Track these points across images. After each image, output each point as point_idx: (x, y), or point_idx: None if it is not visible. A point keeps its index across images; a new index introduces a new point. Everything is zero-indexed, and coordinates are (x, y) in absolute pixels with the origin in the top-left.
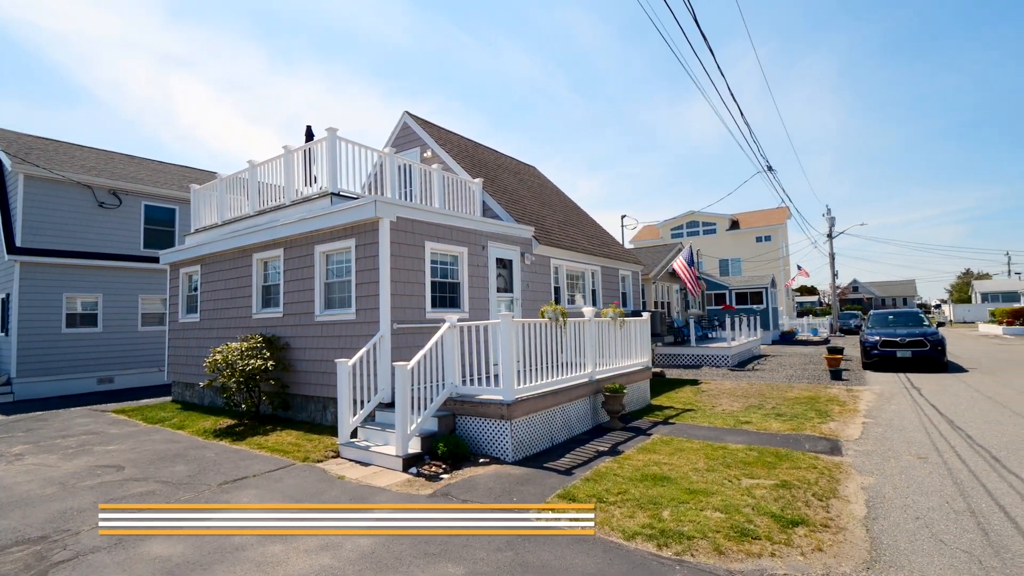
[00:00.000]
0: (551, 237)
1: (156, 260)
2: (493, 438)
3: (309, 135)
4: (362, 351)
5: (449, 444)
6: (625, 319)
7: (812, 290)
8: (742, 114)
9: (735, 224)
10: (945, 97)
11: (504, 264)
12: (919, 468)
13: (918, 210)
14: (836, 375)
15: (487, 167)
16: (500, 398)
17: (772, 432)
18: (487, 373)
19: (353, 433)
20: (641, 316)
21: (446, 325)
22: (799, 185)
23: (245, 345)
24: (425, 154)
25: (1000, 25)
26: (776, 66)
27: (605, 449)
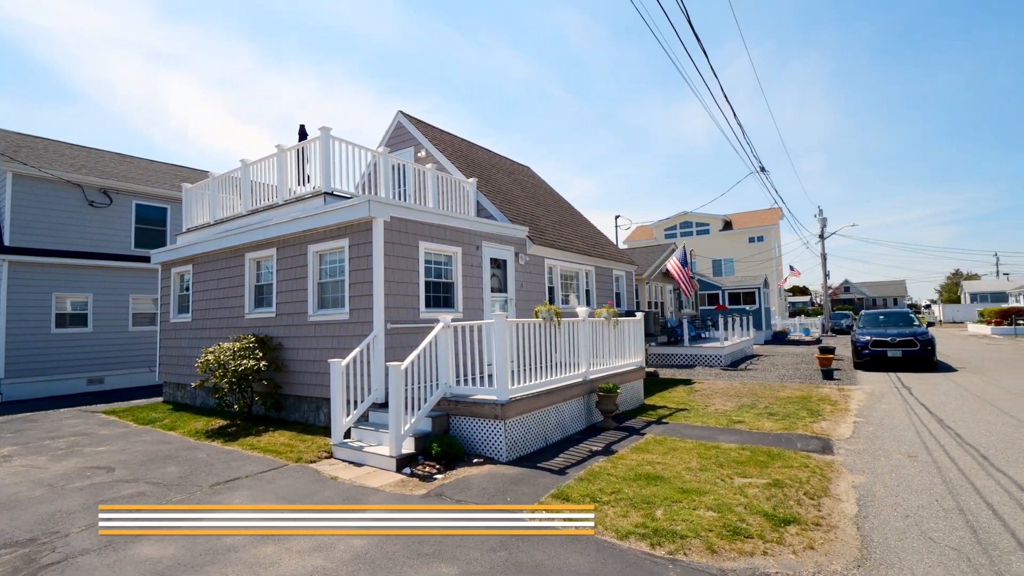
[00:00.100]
0: (545, 237)
1: (147, 260)
2: (487, 438)
3: (302, 134)
4: (355, 351)
5: (443, 444)
6: (619, 319)
7: (804, 290)
8: (735, 115)
9: (728, 225)
10: (937, 99)
11: (498, 264)
12: (909, 467)
13: (909, 211)
14: (828, 375)
15: (481, 167)
16: (494, 398)
17: (765, 431)
18: (481, 373)
19: (346, 433)
20: (635, 316)
21: (440, 325)
22: (791, 186)
23: (237, 345)
24: (419, 154)
25: (992, 26)
26: (769, 66)
27: (599, 449)
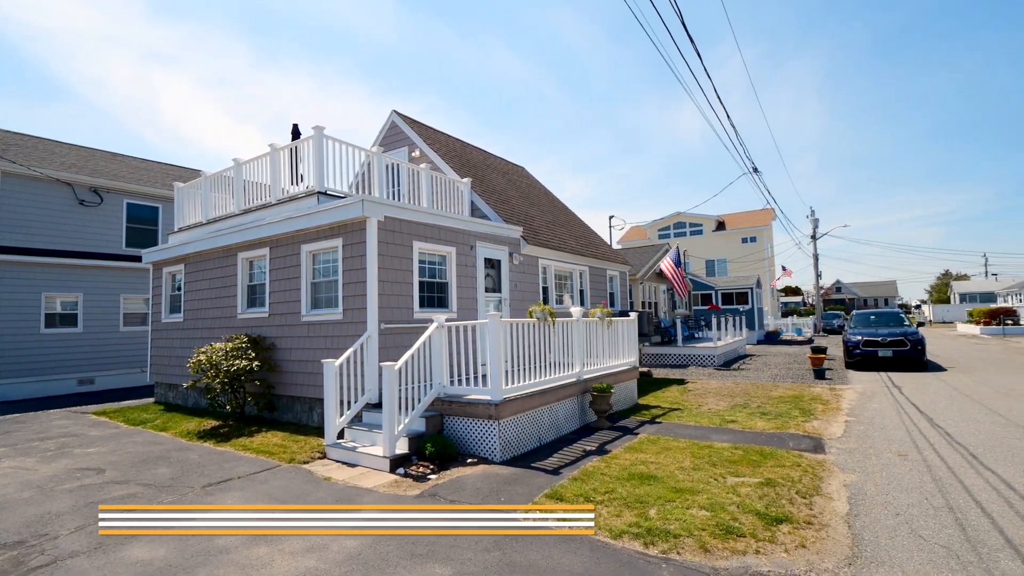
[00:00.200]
0: (539, 237)
1: (139, 259)
2: (481, 438)
3: (296, 134)
4: (349, 351)
5: (437, 444)
6: (613, 319)
7: (796, 290)
8: (728, 117)
9: (721, 225)
10: (929, 100)
11: (492, 264)
12: (899, 465)
13: (900, 212)
14: (819, 374)
15: (476, 167)
16: (488, 398)
17: (757, 431)
18: (475, 373)
19: (340, 434)
20: (628, 316)
21: (434, 325)
22: (784, 187)
23: (230, 345)
24: (413, 153)
25: (984, 29)
26: (764, 67)
27: (592, 448)
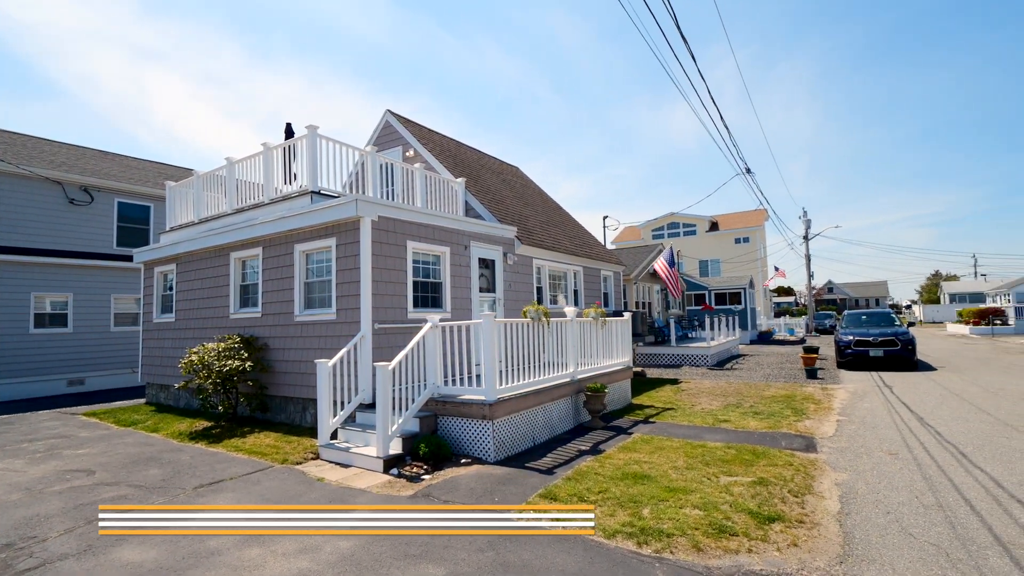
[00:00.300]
0: (533, 237)
1: (130, 259)
2: (475, 438)
3: (289, 133)
4: (343, 351)
5: (431, 445)
6: (607, 319)
7: (789, 291)
8: (722, 118)
9: (715, 226)
10: (920, 102)
11: (486, 264)
12: (890, 464)
13: (892, 213)
14: (812, 374)
15: (470, 167)
16: (482, 398)
17: (750, 430)
18: (469, 373)
19: (333, 434)
20: (622, 316)
21: (428, 325)
22: (777, 188)
23: (222, 346)
24: (407, 153)
25: (977, 31)
26: (757, 68)
27: (586, 448)
